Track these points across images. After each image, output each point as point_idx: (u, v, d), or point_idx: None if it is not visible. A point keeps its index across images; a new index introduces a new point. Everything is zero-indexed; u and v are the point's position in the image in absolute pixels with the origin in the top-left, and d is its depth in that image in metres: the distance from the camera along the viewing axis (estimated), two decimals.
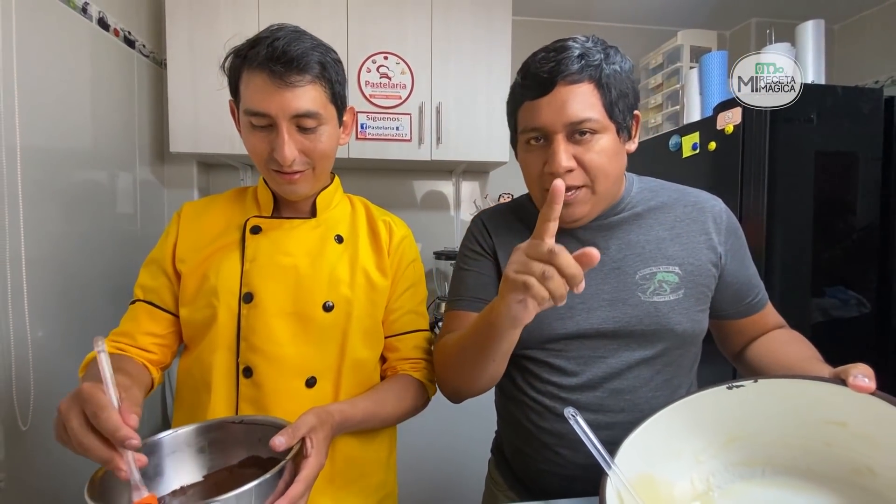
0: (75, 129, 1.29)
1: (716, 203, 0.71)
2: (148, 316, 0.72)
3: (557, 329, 0.70)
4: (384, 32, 1.67)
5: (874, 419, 0.45)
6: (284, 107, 0.63)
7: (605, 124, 0.63)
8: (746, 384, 0.54)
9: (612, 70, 0.62)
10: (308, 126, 0.65)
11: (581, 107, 0.61)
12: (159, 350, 0.73)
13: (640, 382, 0.68)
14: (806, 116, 1.31)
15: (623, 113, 0.64)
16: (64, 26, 1.23)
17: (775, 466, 0.54)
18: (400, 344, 0.79)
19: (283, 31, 0.64)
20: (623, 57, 0.65)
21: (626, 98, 0.64)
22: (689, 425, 0.57)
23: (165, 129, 1.66)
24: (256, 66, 0.63)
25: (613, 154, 0.64)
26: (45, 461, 1.13)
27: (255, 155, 0.68)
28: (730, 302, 0.72)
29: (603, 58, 0.62)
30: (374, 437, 0.77)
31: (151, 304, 0.73)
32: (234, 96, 0.70)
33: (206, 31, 1.57)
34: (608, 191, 0.66)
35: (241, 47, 0.66)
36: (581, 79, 0.61)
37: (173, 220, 0.77)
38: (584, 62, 0.61)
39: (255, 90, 0.63)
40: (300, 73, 0.63)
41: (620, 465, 0.54)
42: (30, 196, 1.08)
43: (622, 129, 0.64)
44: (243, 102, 0.66)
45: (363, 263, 0.75)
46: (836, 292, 1.38)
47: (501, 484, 0.82)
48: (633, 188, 0.72)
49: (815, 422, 0.50)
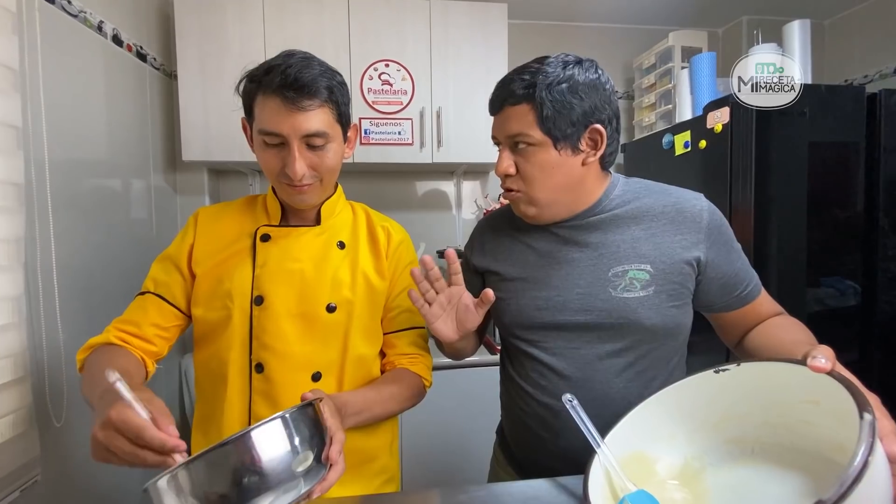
0: (93, 141, 1.35)
1: (696, 202, 0.74)
2: (156, 308, 0.78)
3: (535, 318, 0.77)
4: (385, 41, 1.73)
5: (837, 397, 0.46)
6: (296, 128, 0.70)
7: (540, 139, 0.69)
8: (731, 368, 0.57)
9: (554, 89, 0.68)
10: (317, 144, 0.72)
11: (516, 124, 0.70)
12: (160, 343, 0.78)
13: (612, 374, 0.74)
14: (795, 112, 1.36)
15: (562, 128, 0.68)
16: (82, 44, 1.30)
17: (763, 445, 0.56)
18: (397, 340, 0.87)
19: (294, 59, 0.71)
20: (586, 71, 0.70)
21: (568, 115, 0.68)
22: (681, 408, 0.61)
23: (177, 139, 1.73)
24: (271, 92, 0.69)
25: (550, 166, 0.71)
26: (78, 456, 1.20)
27: (268, 169, 0.75)
28: (717, 295, 0.75)
29: (547, 78, 0.68)
30: (375, 427, 0.84)
31: (161, 298, 0.78)
32: (247, 115, 0.76)
33: (215, 43, 1.63)
34: (549, 198, 0.73)
35: (256, 73, 0.72)
36: (518, 100, 0.70)
37: (190, 222, 0.83)
38: (524, 84, 0.69)
39: (270, 113, 0.70)
40: (310, 97, 0.70)
41: (611, 445, 0.58)
42: (56, 206, 1.14)
43: (561, 143, 0.70)
44: (258, 123, 0.72)
45: (363, 267, 0.83)
46: (832, 282, 1.43)
47: (503, 462, 0.90)
48: (616, 190, 0.77)
49: (793, 401, 0.53)
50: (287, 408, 0.51)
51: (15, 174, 0.98)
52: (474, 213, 2.18)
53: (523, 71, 0.70)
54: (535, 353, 0.78)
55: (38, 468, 1.07)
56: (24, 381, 1.01)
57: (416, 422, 1.59)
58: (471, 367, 1.66)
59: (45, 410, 1.10)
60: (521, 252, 0.81)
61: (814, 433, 0.52)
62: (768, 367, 0.56)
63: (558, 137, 0.69)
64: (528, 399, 0.80)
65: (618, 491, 0.56)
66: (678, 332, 0.76)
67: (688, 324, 0.77)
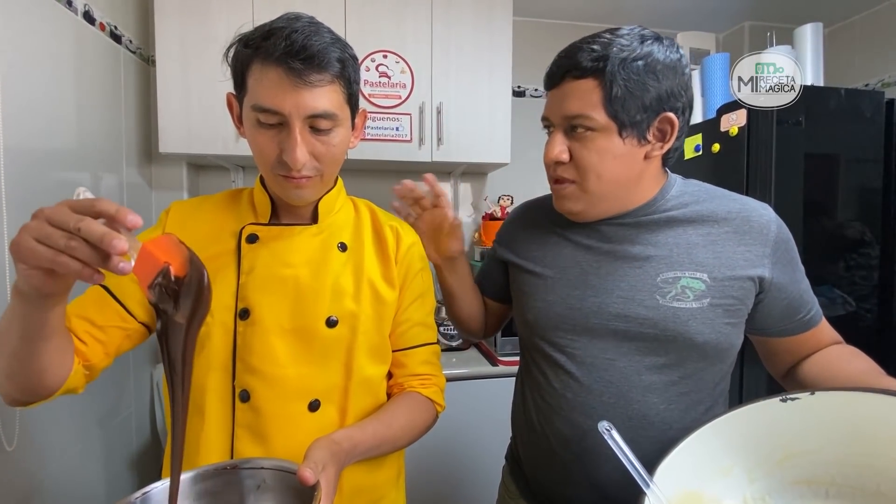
0: (59, 129, 1.21)
1: (764, 213, 0.66)
2: (96, 301, 0.62)
3: (565, 318, 0.68)
4: (383, 30, 1.63)
5: None
6: (300, 106, 0.58)
7: (603, 123, 0.61)
8: (802, 396, 0.51)
9: (628, 66, 0.59)
10: (323, 127, 0.60)
11: (577, 103, 0.62)
12: (90, 341, 0.61)
13: (652, 392, 0.65)
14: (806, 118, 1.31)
15: (630, 112, 0.61)
16: (48, 19, 1.16)
17: (840, 487, 0.50)
18: (407, 359, 0.75)
19: (301, 23, 0.59)
20: (665, 50, 0.62)
21: (640, 97, 0.60)
22: (737, 440, 0.54)
23: (154, 129, 1.59)
24: (272, 60, 0.57)
25: (611, 155, 0.62)
26: (31, 482, 1.06)
27: (262, 155, 0.62)
28: (779, 318, 0.67)
29: (621, 51, 0.60)
30: (381, 461, 0.73)
31: (107, 291, 0.63)
32: (237, 89, 0.63)
33: (198, 26, 1.50)
34: (603, 192, 0.65)
35: (252, 36, 0.60)
36: (584, 74, 0.61)
37: (161, 218, 0.70)
38: (593, 56, 0.60)
39: (269, 85, 0.58)
40: (320, 71, 0.58)
41: (660, 483, 0.51)
42: (12, 199, 1.00)
43: (628, 130, 0.61)
44: (252, 97, 0.60)
45: (369, 274, 0.71)
46: (823, 291, 1.39)
47: (514, 492, 0.80)
48: (672, 191, 0.69)
49: (881, 438, 0.47)
50: None
51: None
52: (470, 216, 2.10)
53: (593, 41, 0.61)
54: (562, 360, 0.69)
55: None
56: None
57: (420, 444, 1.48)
58: (476, 380, 1.55)
59: None
60: (556, 244, 0.73)
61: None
62: (852, 398, 0.50)
63: (625, 123, 0.61)
64: (550, 415, 0.70)
65: None
66: (728, 354, 0.68)
67: (739, 346, 0.69)
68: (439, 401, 0.76)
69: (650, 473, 0.51)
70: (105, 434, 1.38)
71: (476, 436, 1.54)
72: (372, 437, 0.63)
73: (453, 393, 1.50)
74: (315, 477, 0.47)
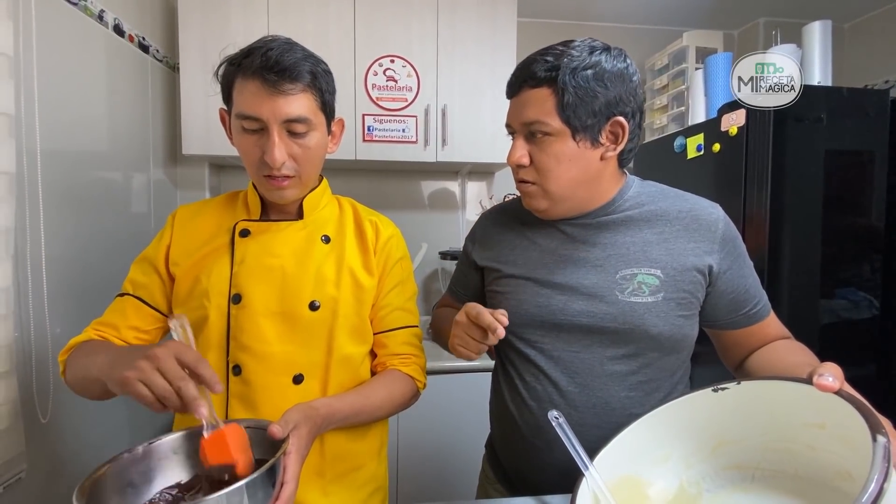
0: (92, 133, 1.33)
1: (713, 211, 0.71)
2: (135, 311, 0.75)
3: (535, 315, 0.73)
4: (390, 36, 1.69)
5: (845, 421, 0.43)
6: (276, 111, 0.66)
7: (557, 128, 0.65)
8: (730, 386, 0.54)
9: (579, 75, 0.63)
10: (298, 131, 0.68)
11: (533, 110, 0.66)
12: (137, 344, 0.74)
13: (614, 381, 0.70)
14: (812, 117, 1.31)
15: (582, 118, 0.65)
16: (81, 33, 1.27)
17: (764, 471, 0.53)
18: (388, 340, 0.82)
19: (276, 42, 0.68)
20: (613, 59, 0.66)
21: (590, 103, 0.64)
22: (676, 428, 0.58)
23: (178, 132, 1.70)
24: (251, 74, 0.66)
25: (567, 158, 0.67)
26: (64, 452, 1.18)
27: (247, 158, 0.71)
28: (725, 311, 0.72)
29: (572, 62, 0.64)
30: (364, 431, 0.80)
31: (140, 300, 0.75)
32: (226, 103, 0.72)
33: (218, 36, 1.61)
34: (563, 192, 0.69)
35: (235, 57, 0.69)
36: (539, 83, 0.65)
37: (168, 222, 0.80)
38: (546, 66, 0.65)
39: (249, 95, 0.66)
40: (292, 81, 0.66)
41: (601, 467, 0.55)
42: (49, 197, 1.12)
43: (580, 134, 0.65)
44: (236, 107, 0.69)
45: (349, 263, 0.78)
46: (846, 293, 1.37)
47: (492, 478, 0.85)
48: (630, 191, 0.73)
49: (797, 424, 0.49)
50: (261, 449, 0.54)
51: (5, 162, 0.95)
52: (478, 215, 2.14)
53: (546, 53, 0.66)
54: (532, 354, 0.74)
55: (24, 464, 1.05)
56: (10, 376, 0.99)
57: (404, 428, 1.55)
58: (461, 373, 1.59)
59: (32, 405, 1.07)
60: (526, 248, 0.77)
61: (819, 459, 0.48)
62: (771, 387, 0.52)
63: (577, 128, 0.65)
64: (521, 405, 0.75)
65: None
66: (684, 345, 0.72)
67: (693, 336, 0.73)
68: (420, 378, 0.83)
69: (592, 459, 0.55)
70: (132, 411, 1.50)
71: (461, 425, 1.59)
72: (350, 406, 0.70)
73: (444, 385, 1.57)
74: (283, 433, 0.55)
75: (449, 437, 1.61)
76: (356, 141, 1.70)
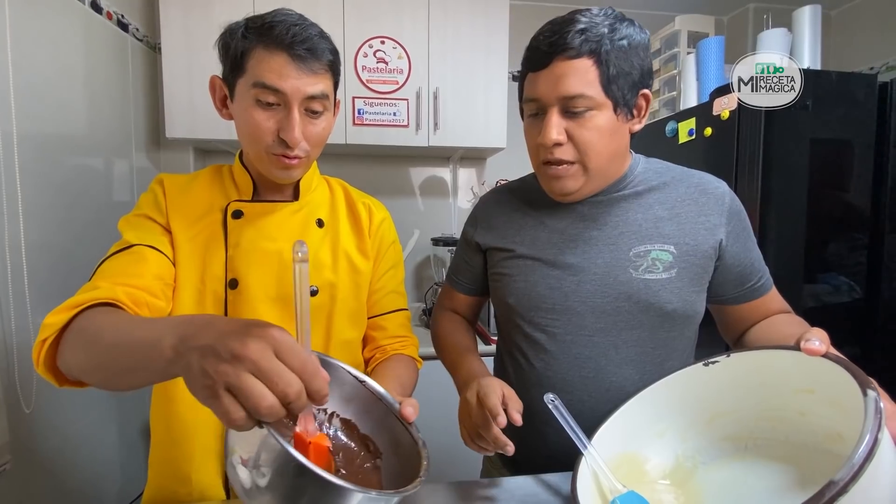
0: (70, 115, 1.28)
1: (719, 185, 0.70)
2: (155, 259, 0.65)
3: (546, 298, 0.71)
4: (381, 16, 1.65)
5: (834, 383, 0.44)
6: (301, 88, 0.64)
7: (601, 101, 0.62)
8: (720, 359, 0.54)
9: (616, 45, 0.62)
10: (317, 109, 0.67)
11: (575, 82, 0.61)
12: (165, 299, 0.65)
13: (627, 363, 0.69)
14: (801, 103, 1.32)
15: (623, 90, 0.63)
16: (57, 9, 1.22)
17: (757, 440, 0.53)
18: (387, 323, 0.82)
19: (295, 18, 0.65)
20: (638, 30, 0.65)
21: (629, 75, 0.63)
22: (670, 404, 0.58)
23: (161, 115, 1.65)
24: (277, 47, 0.63)
25: (608, 132, 0.64)
26: (49, 442, 1.15)
27: (259, 132, 0.65)
28: (731, 285, 0.71)
29: (607, 32, 0.62)
30: None
31: (155, 249, 0.65)
32: (233, 71, 0.67)
33: (201, 14, 1.55)
34: (601, 168, 0.67)
35: (253, 25, 0.65)
36: (579, 54, 0.61)
37: (157, 189, 0.71)
38: (584, 37, 0.61)
39: (273, 67, 0.63)
40: (318, 59, 0.65)
41: (599, 446, 0.55)
42: (27, 182, 1.07)
43: (621, 107, 0.64)
44: (253, 75, 0.64)
45: (345, 247, 0.77)
46: (828, 278, 1.40)
47: (497, 462, 0.85)
48: (638, 167, 0.72)
49: (787, 391, 0.50)
50: None
51: None
52: (470, 201, 2.13)
53: (573, 21, 0.62)
54: (542, 339, 0.72)
55: (8, 455, 1.02)
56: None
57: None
58: None
59: (15, 396, 1.04)
60: (533, 228, 0.75)
61: (810, 424, 0.49)
62: (760, 356, 0.53)
63: (619, 100, 0.63)
64: (529, 392, 0.72)
65: (607, 493, 0.53)
66: (693, 321, 0.72)
67: (702, 313, 0.73)
68: (419, 358, 0.84)
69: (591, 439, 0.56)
70: (119, 403, 1.47)
71: None
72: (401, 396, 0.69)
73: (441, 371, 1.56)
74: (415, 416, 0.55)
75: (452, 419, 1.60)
76: (346, 124, 1.67)
